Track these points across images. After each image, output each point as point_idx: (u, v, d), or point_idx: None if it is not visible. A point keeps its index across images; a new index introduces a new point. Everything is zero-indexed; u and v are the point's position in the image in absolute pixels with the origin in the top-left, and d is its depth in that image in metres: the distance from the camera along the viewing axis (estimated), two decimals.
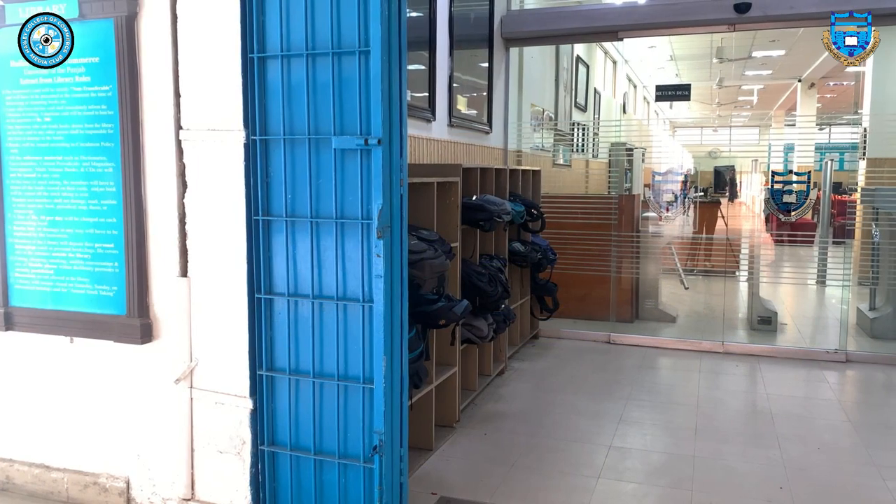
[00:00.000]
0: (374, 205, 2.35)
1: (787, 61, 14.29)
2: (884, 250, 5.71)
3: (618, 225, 5.97)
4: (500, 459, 3.43)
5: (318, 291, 2.51)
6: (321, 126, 2.46)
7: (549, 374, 4.85)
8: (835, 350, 5.24)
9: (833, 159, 9.19)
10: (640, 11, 5.68)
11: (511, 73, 6.08)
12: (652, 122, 20.99)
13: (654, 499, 3.06)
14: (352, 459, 2.51)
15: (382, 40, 2.31)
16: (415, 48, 4.25)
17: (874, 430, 3.87)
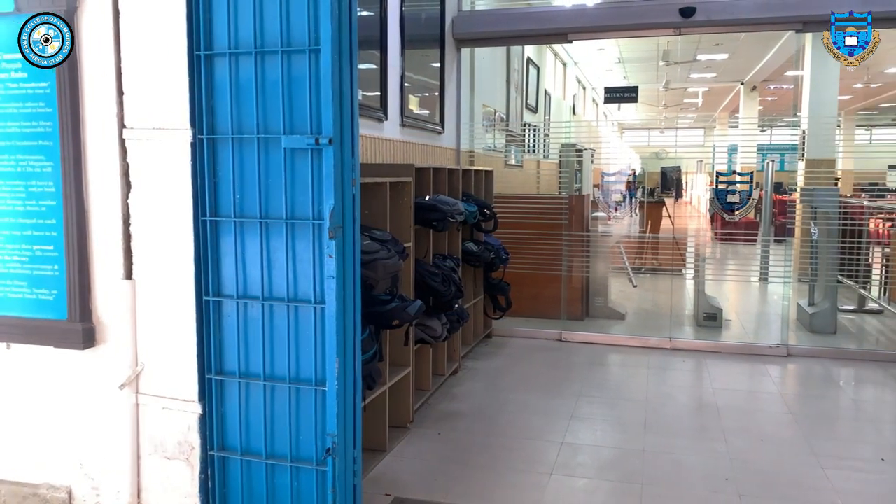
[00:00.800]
0: (325, 205, 2.33)
1: (730, 65, 14.71)
2: (821, 248, 5.93)
3: (568, 224, 6.05)
4: (455, 458, 3.43)
5: (268, 293, 2.47)
6: (271, 125, 2.42)
7: (503, 373, 4.89)
8: (776, 345, 5.41)
9: (774, 160, 9.51)
10: (588, 14, 5.77)
11: (463, 73, 6.10)
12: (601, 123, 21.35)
13: (605, 493, 3.11)
14: (304, 462, 2.48)
15: (333, 39, 2.29)
16: (366, 47, 4.23)
17: (813, 421, 4.02)
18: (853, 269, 6.38)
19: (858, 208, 6.92)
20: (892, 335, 5.97)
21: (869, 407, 4.37)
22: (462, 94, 6.10)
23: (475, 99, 6.46)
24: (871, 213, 7.27)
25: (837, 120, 10.23)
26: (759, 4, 5.36)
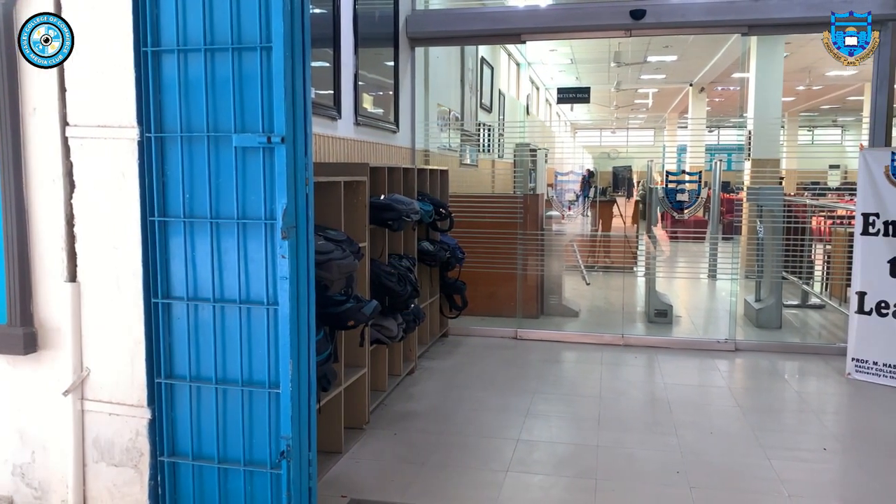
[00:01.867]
0: (278, 204, 2.30)
1: (679, 66, 15.05)
2: (767, 245, 6.11)
3: (523, 224, 6.09)
4: (411, 458, 3.43)
5: (219, 295, 2.43)
6: (221, 123, 2.38)
7: (459, 372, 4.90)
8: (725, 340, 5.56)
9: (721, 160, 9.76)
10: (541, 15, 5.82)
11: (417, 72, 6.09)
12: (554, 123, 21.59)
13: (561, 489, 3.14)
14: (258, 466, 2.45)
15: (285, 36, 2.26)
16: (319, 45, 4.18)
17: (760, 413, 4.13)
18: (797, 266, 6.59)
19: (801, 207, 7.16)
20: (834, 329, 6.19)
21: (812, 399, 4.52)
22: (416, 93, 6.10)
23: (430, 98, 6.45)
24: (813, 211, 7.53)
25: (781, 121, 10.55)
26: (707, 8, 5.49)
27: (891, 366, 4.60)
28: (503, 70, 11.78)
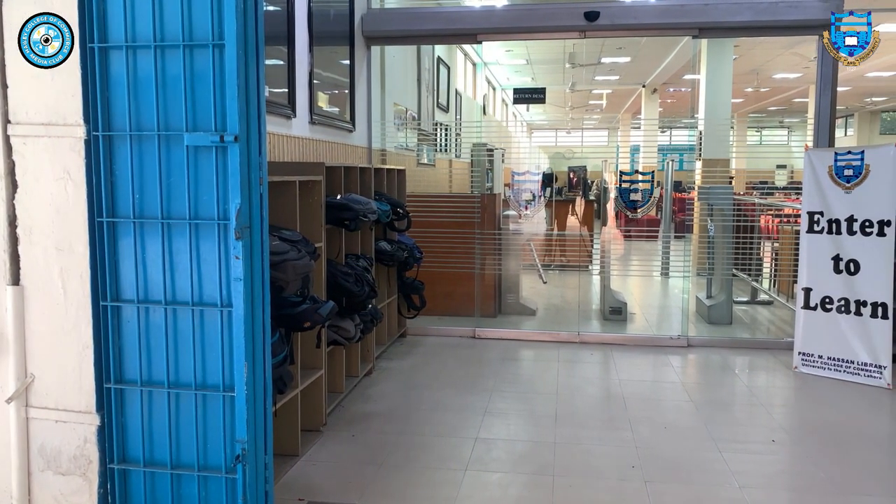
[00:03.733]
0: (231, 204, 2.26)
1: (632, 68, 15.31)
2: (718, 243, 6.26)
3: (481, 223, 6.12)
4: (369, 460, 3.41)
5: (171, 297, 2.37)
6: (172, 122, 2.33)
7: (417, 372, 4.90)
8: (678, 336, 5.67)
9: (673, 160, 9.97)
10: (497, 15, 5.86)
11: (373, 71, 6.07)
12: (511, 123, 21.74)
13: (519, 486, 3.16)
14: (213, 471, 2.40)
15: (238, 33, 2.23)
16: (273, 43, 4.13)
17: (712, 407, 4.23)
18: (746, 263, 6.77)
19: (750, 206, 7.36)
20: (782, 324, 6.37)
21: (761, 392, 4.65)
22: (373, 92, 6.07)
23: (386, 97, 6.43)
24: (761, 210, 7.74)
25: (731, 122, 10.83)
26: (660, 10, 5.60)
27: (835, 359, 4.76)
28: (460, 70, 11.81)
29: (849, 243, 4.72)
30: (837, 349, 4.75)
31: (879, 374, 4.57)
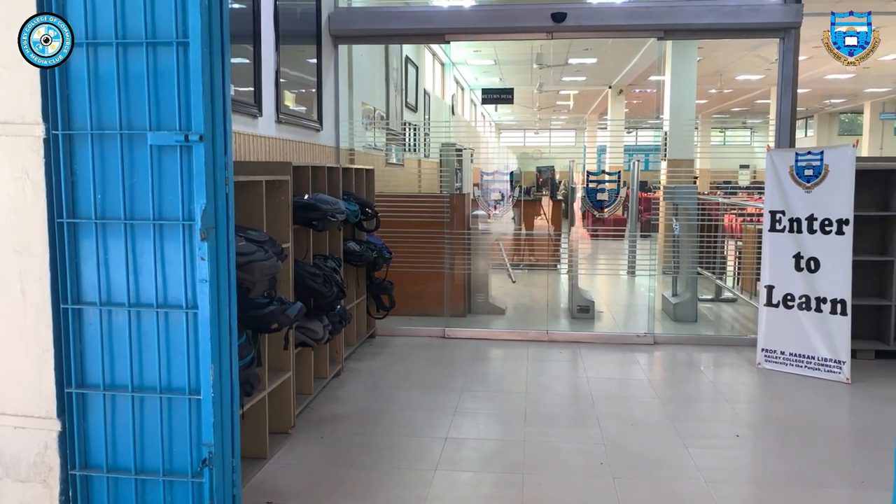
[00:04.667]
0: (196, 205, 2.23)
1: (598, 69, 15.46)
2: (683, 242, 6.35)
3: (450, 223, 6.12)
4: (338, 461, 3.39)
5: (134, 299, 2.33)
6: (135, 120, 2.29)
7: (386, 372, 4.88)
8: (644, 334, 5.74)
9: (639, 160, 10.09)
10: (465, 16, 5.87)
11: (340, 70, 6.03)
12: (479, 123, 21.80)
13: (489, 485, 3.17)
14: (178, 476, 2.37)
15: (203, 31, 2.20)
16: (238, 41, 4.08)
17: (678, 404, 4.30)
18: (710, 262, 6.89)
19: (714, 205, 7.48)
20: (745, 321, 6.50)
21: (726, 388, 4.73)
22: (340, 91, 6.03)
23: (354, 96, 6.40)
24: (725, 209, 7.88)
25: (695, 122, 11.00)
26: (626, 12, 5.66)
27: (797, 355, 4.86)
28: (428, 70, 11.80)
29: (809, 242, 4.83)
30: (799, 345, 4.86)
31: (839, 370, 4.69)
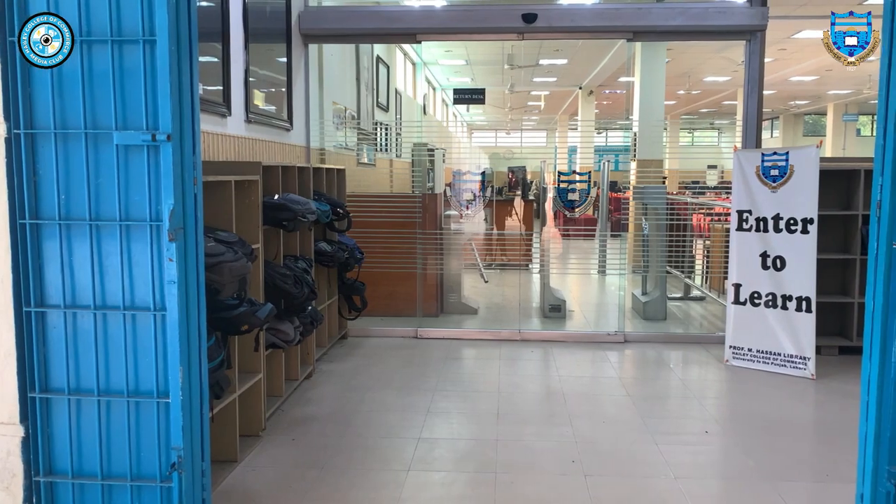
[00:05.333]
0: (164, 205, 2.20)
1: (569, 70, 15.58)
2: (652, 241, 6.43)
3: (422, 223, 6.12)
4: (310, 463, 3.37)
5: (100, 301, 2.29)
6: (100, 119, 2.24)
7: (358, 373, 4.86)
8: (614, 332, 5.80)
9: (609, 160, 10.18)
10: (436, 16, 5.87)
11: (311, 69, 5.99)
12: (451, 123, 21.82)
13: (462, 484, 3.18)
14: (147, 480, 2.33)
15: (170, 29, 2.17)
16: (207, 39, 4.03)
17: (648, 401, 4.34)
18: (679, 261, 6.98)
19: (683, 205, 7.59)
20: (714, 319, 6.59)
21: (695, 385, 4.80)
22: (311, 90, 5.99)
23: (324, 96, 6.36)
24: (693, 209, 7.99)
25: (664, 123, 11.13)
26: (595, 14, 5.72)
27: (763, 352, 4.95)
28: (399, 69, 11.79)
29: (775, 240, 4.92)
30: (765, 342, 4.95)
31: (804, 366, 4.78)
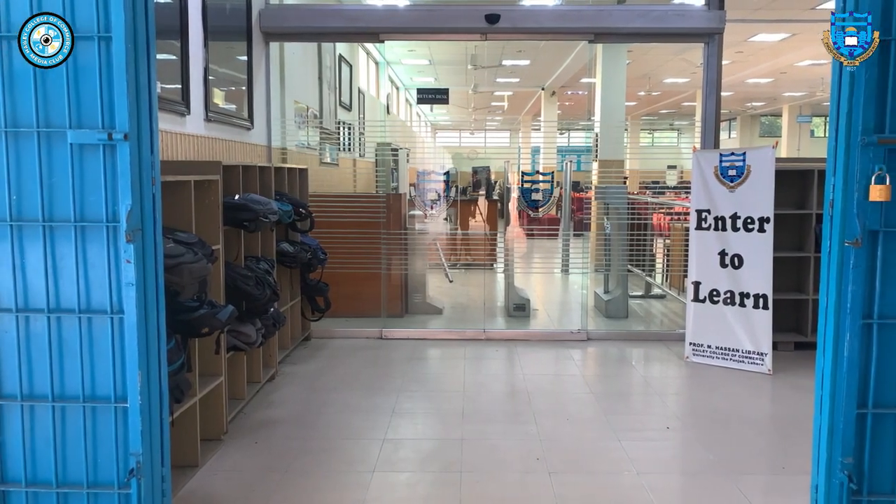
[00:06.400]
0: (121, 206, 2.15)
1: (532, 71, 15.68)
2: (614, 241, 6.51)
3: (386, 223, 6.10)
4: (273, 466, 3.33)
5: (54, 305, 2.22)
6: (54, 118, 2.18)
7: (322, 375, 4.82)
8: (577, 330, 5.86)
9: (572, 161, 10.29)
10: (400, 15, 5.85)
11: (272, 68, 5.92)
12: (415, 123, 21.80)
13: (427, 485, 3.18)
14: (104, 487, 2.27)
15: (127, 25, 2.11)
16: (165, 36, 3.95)
17: (610, 398, 4.40)
18: (640, 259, 7.08)
19: (644, 204, 7.70)
20: (674, 317, 6.71)
21: (656, 382, 4.87)
22: (272, 89, 5.92)
23: (286, 94, 6.29)
24: (654, 208, 8.12)
25: (625, 124, 11.29)
26: (557, 15, 5.77)
27: (722, 348, 5.05)
28: (362, 69, 11.73)
29: (733, 239, 5.02)
30: (724, 339, 5.05)
31: (762, 361, 4.89)
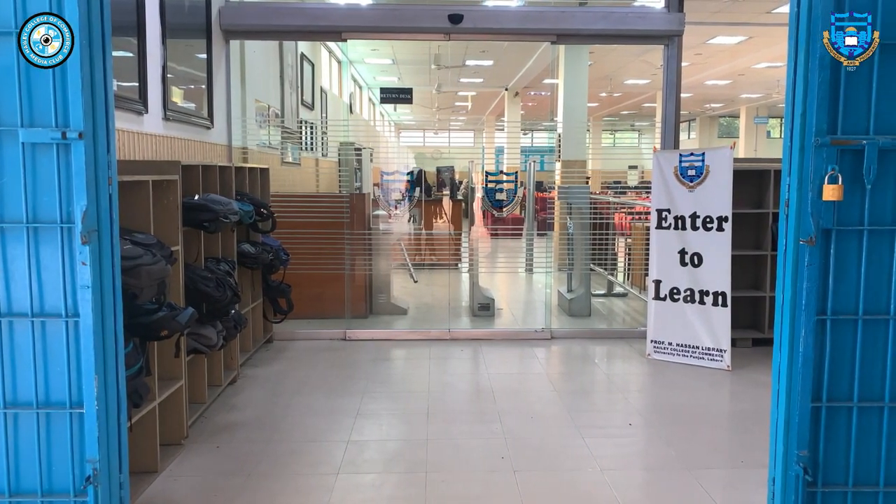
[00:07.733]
0: (76, 206, 2.09)
1: (495, 71, 15.75)
2: (577, 240, 6.57)
3: (350, 223, 6.06)
4: (235, 471, 3.28)
5: (6, 309, 2.16)
6: (4, 116, 2.11)
7: (285, 377, 4.77)
8: (541, 329, 5.90)
9: (535, 161, 10.35)
10: (362, 14, 5.82)
11: (232, 66, 5.84)
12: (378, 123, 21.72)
13: (392, 485, 3.16)
14: (59, 496, 2.21)
15: (81, 20, 2.06)
16: (121, 33, 3.87)
17: (574, 396, 4.44)
18: (603, 258, 7.17)
19: (605, 204, 7.79)
20: (636, 315, 6.80)
21: (618, 379, 4.94)
22: (232, 87, 5.83)
23: (247, 93, 6.21)
24: (615, 208, 8.22)
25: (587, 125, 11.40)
26: (520, 16, 5.80)
27: (683, 345, 5.14)
28: (325, 67, 11.63)
29: (693, 238, 5.11)
30: (684, 336, 5.14)
31: (721, 358, 4.99)
